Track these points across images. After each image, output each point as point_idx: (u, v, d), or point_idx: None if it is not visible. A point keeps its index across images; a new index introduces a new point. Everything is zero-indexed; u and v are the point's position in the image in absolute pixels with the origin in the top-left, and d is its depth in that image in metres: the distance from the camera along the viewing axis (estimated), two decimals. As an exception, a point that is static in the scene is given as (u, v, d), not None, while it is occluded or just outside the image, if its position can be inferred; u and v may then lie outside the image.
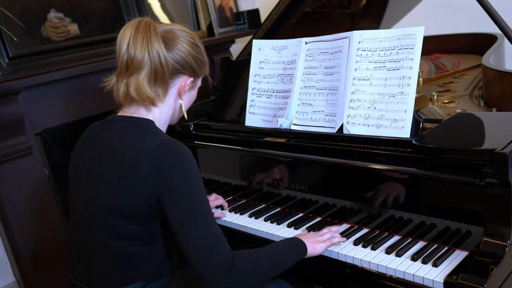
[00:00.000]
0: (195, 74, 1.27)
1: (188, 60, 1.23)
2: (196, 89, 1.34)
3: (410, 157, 1.22)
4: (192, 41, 1.24)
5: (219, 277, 1.08)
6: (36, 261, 2.10)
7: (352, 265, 1.22)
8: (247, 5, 3.22)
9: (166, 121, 1.28)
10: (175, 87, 1.25)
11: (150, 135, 1.16)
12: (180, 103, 1.28)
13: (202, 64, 1.28)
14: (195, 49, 1.25)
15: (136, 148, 1.13)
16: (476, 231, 1.13)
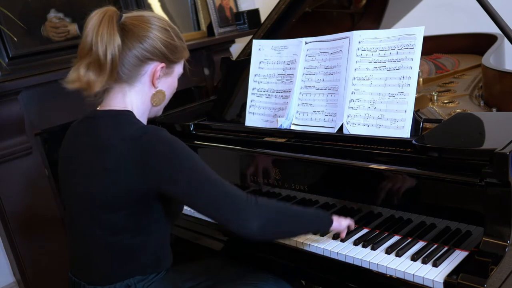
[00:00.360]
0: (167, 60, 1.23)
1: (158, 46, 1.19)
2: (173, 75, 1.29)
3: (410, 157, 1.22)
4: (161, 27, 1.21)
5: (249, 219, 1.11)
6: (36, 261, 2.10)
7: (352, 265, 1.22)
8: (247, 5, 3.22)
9: (144, 111, 1.26)
10: (146, 74, 1.21)
11: (127, 125, 1.16)
12: (158, 90, 1.24)
13: (175, 49, 1.24)
14: (165, 35, 1.21)
15: (116, 140, 1.13)
16: (476, 231, 1.13)
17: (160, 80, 1.24)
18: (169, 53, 1.22)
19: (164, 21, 1.23)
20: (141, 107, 1.24)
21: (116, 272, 1.19)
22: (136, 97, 1.22)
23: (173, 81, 1.30)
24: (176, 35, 1.25)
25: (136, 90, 1.22)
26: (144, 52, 1.18)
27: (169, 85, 1.29)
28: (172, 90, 1.31)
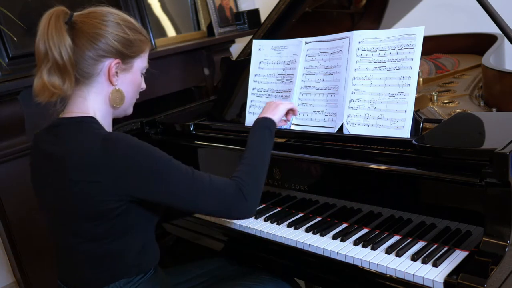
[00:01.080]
0: (122, 55, 1.17)
1: (110, 43, 1.14)
2: (134, 71, 1.22)
3: (410, 157, 1.22)
4: (113, 21, 1.16)
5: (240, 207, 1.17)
6: (36, 261, 2.10)
7: (352, 265, 1.22)
8: (247, 5, 3.22)
9: (107, 113, 1.21)
10: (102, 72, 1.16)
11: (91, 134, 1.13)
12: (115, 89, 1.19)
13: (129, 43, 1.18)
14: (117, 30, 1.16)
15: (80, 150, 1.10)
16: (476, 231, 1.13)
17: (118, 77, 1.19)
18: (123, 48, 1.17)
19: (116, 15, 1.18)
20: (104, 109, 1.20)
21: (100, 277, 1.17)
22: (96, 98, 1.18)
23: (134, 77, 1.23)
24: (130, 28, 1.18)
25: (95, 91, 1.17)
26: (96, 50, 1.13)
27: (131, 81, 1.23)
28: (137, 86, 1.25)
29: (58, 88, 1.11)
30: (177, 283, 1.43)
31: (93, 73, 1.15)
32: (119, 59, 1.17)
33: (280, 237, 1.38)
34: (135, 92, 1.26)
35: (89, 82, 1.16)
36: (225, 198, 1.16)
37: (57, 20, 1.10)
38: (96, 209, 1.10)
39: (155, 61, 2.55)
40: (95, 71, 1.16)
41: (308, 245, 1.31)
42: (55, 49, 1.09)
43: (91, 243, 1.14)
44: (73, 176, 1.09)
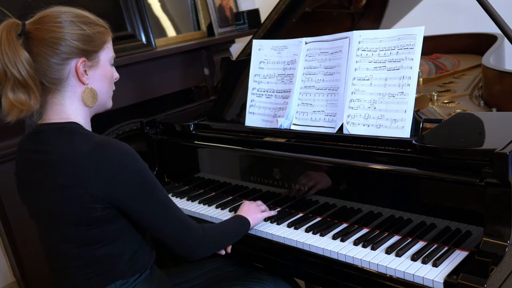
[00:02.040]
0: (86, 52, 1.13)
1: (70, 44, 1.10)
2: (101, 64, 1.18)
3: (410, 157, 1.22)
4: (67, 21, 1.11)
5: (198, 249, 1.24)
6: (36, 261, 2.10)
7: (352, 265, 1.22)
8: (247, 5, 3.22)
9: (86, 114, 1.19)
10: (70, 74, 1.13)
11: (79, 138, 1.11)
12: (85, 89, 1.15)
13: (89, 38, 1.13)
14: (73, 28, 1.11)
15: (69, 155, 1.09)
16: (476, 231, 1.13)
17: (88, 76, 1.15)
18: (85, 46, 1.13)
19: (69, 13, 1.13)
20: (82, 110, 1.17)
21: (95, 281, 1.16)
22: (72, 102, 1.15)
23: (104, 70, 1.19)
24: (86, 23, 1.14)
25: (69, 95, 1.14)
26: (59, 55, 1.10)
27: (102, 76, 1.19)
28: (109, 79, 1.22)
29: (25, 104, 1.08)
30: (177, 283, 1.43)
31: (62, 78, 1.12)
32: (84, 57, 1.13)
33: (280, 237, 1.38)
34: (109, 85, 1.22)
35: (61, 87, 1.13)
36: (189, 239, 1.21)
37: (8, 34, 1.06)
38: (86, 216, 1.09)
39: (155, 61, 2.56)
40: (64, 75, 1.12)
41: (308, 245, 1.31)
42: (12, 67, 1.05)
43: (84, 248, 1.13)
44: (64, 181, 1.08)
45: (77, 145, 1.10)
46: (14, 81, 1.07)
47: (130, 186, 1.10)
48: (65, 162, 1.09)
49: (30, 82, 1.07)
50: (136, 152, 1.14)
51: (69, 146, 1.10)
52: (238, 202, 1.64)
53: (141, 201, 1.12)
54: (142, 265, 1.22)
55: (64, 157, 1.09)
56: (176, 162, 1.88)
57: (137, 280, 1.20)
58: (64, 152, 1.10)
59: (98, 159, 1.08)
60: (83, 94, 1.15)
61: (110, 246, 1.14)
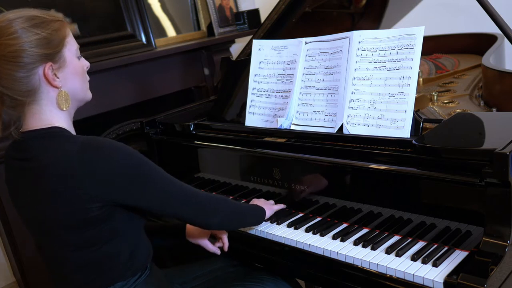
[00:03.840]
0: (49, 56, 1.08)
1: (31, 52, 1.04)
2: (69, 62, 1.12)
3: (410, 157, 1.22)
4: (21, 28, 1.04)
5: (216, 217, 1.26)
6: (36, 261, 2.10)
7: (352, 265, 1.22)
8: (247, 5, 3.22)
9: (67, 116, 1.15)
10: (41, 82, 1.08)
11: (64, 142, 1.09)
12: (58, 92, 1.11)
13: (47, 41, 1.07)
14: (29, 35, 1.05)
15: (58, 160, 1.06)
16: (476, 231, 1.13)
17: (58, 79, 1.10)
18: (45, 50, 1.07)
19: (19, 19, 1.05)
20: (62, 113, 1.13)
21: (94, 283, 1.16)
22: (51, 109, 1.11)
23: (74, 67, 1.14)
24: (38, 25, 1.07)
25: (45, 103, 1.10)
26: (23, 67, 1.04)
27: (73, 72, 1.14)
28: (81, 73, 1.16)
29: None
30: (177, 283, 1.43)
31: (33, 88, 1.08)
32: (49, 62, 1.08)
33: (280, 237, 1.38)
34: (82, 79, 1.17)
35: (35, 98, 1.09)
36: (206, 212, 1.24)
37: None
38: (82, 217, 1.08)
39: (155, 61, 2.56)
40: (35, 85, 1.07)
41: (308, 245, 1.31)
42: None
43: (81, 251, 1.12)
44: (56, 185, 1.06)
45: (64, 148, 1.07)
46: None
47: (127, 180, 1.08)
48: (54, 167, 1.06)
49: None
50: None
51: (56, 150, 1.08)
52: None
53: (143, 191, 1.11)
54: (141, 263, 1.21)
55: (52, 162, 1.07)
56: (176, 162, 1.88)
57: (137, 281, 1.20)
58: (52, 158, 1.07)
59: (89, 158, 1.06)
60: (57, 98, 1.11)
61: (107, 246, 1.13)
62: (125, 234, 1.16)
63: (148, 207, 1.14)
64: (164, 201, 1.16)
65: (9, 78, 1.05)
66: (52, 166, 1.07)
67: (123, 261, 1.17)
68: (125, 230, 1.17)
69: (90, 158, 1.06)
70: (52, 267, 1.20)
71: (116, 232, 1.14)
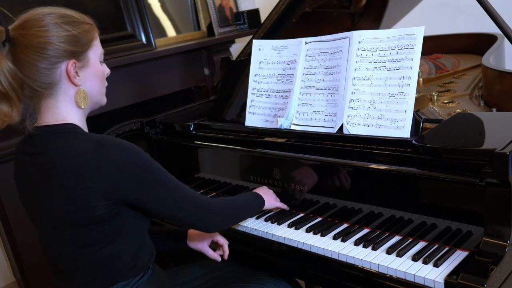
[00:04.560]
0: (75, 54, 1.11)
1: (57, 47, 1.08)
2: (92, 63, 1.16)
3: (410, 157, 1.22)
4: (51, 23, 1.08)
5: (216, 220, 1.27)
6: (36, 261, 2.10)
7: (353, 265, 1.22)
8: (247, 5, 3.22)
9: (81, 114, 1.18)
10: (62, 77, 1.11)
11: (79, 138, 1.11)
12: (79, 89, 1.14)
13: (76, 39, 1.11)
14: (58, 30, 1.09)
15: (71, 155, 1.08)
16: (477, 231, 1.13)
17: (79, 77, 1.13)
18: (73, 47, 1.11)
19: (52, 15, 1.10)
20: (78, 111, 1.16)
21: (96, 283, 1.16)
22: (67, 105, 1.14)
23: (95, 69, 1.17)
24: (71, 23, 1.11)
25: (62, 98, 1.13)
26: (47, 59, 1.08)
27: (93, 74, 1.17)
28: (101, 76, 1.20)
29: (7, 116, 1.06)
30: (178, 284, 1.43)
31: (53, 81, 1.10)
32: (73, 59, 1.11)
33: (281, 237, 1.38)
34: (101, 82, 1.21)
35: (53, 91, 1.12)
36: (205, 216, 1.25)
37: None
38: (88, 215, 1.09)
39: (155, 61, 2.56)
40: (55, 79, 1.11)
41: (309, 245, 1.31)
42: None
43: (85, 250, 1.13)
44: (67, 182, 1.07)
45: (78, 146, 1.09)
46: None
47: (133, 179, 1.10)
48: (65, 163, 1.08)
49: (12, 94, 1.05)
50: None
51: (68, 147, 1.10)
52: (238, 202, 1.64)
53: (148, 191, 1.13)
54: (144, 264, 1.21)
55: (64, 158, 1.08)
56: (176, 162, 1.88)
57: (139, 281, 1.20)
58: (64, 154, 1.09)
59: (99, 156, 1.07)
60: (76, 95, 1.14)
61: (111, 246, 1.14)
62: (129, 235, 1.17)
63: (152, 208, 1.15)
64: (167, 203, 1.17)
65: (31, 68, 1.07)
66: (63, 162, 1.08)
67: (125, 261, 1.17)
68: (130, 231, 1.17)
69: (99, 156, 1.07)
70: (55, 264, 1.21)
71: (121, 232, 1.15)
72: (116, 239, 1.15)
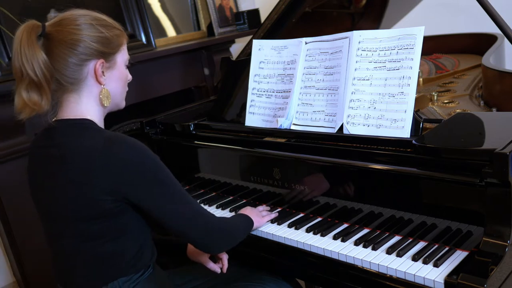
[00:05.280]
0: (104, 54, 1.18)
1: (89, 45, 1.15)
2: (118, 66, 1.23)
3: (410, 157, 1.22)
4: (87, 24, 1.16)
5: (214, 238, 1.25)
6: (36, 261, 2.10)
7: (353, 265, 1.22)
8: (247, 5, 3.22)
9: (100, 112, 1.22)
10: (89, 75, 1.17)
11: (91, 134, 1.15)
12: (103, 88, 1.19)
13: (107, 41, 1.18)
14: (92, 31, 1.16)
15: (81, 150, 1.11)
16: (477, 231, 1.13)
17: (105, 77, 1.19)
18: (103, 48, 1.17)
19: (87, 16, 1.18)
20: (97, 109, 1.21)
21: (97, 277, 1.18)
22: (88, 101, 1.19)
23: (120, 72, 1.24)
24: (104, 25, 1.19)
25: (86, 95, 1.18)
26: (77, 55, 1.14)
27: (118, 77, 1.24)
28: (124, 80, 1.26)
29: (37, 104, 1.11)
30: (178, 284, 1.43)
31: (80, 78, 1.16)
32: (102, 59, 1.18)
33: (281, 237, 1.38)
34: (123, 86, 1.27)
35: (78, 87, 1.17)
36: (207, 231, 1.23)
37: (28, 36, 1.09)
38: (95, 209, 1.11)
39: (155, 61, 2.56)
40: (82, 76, 1.16)
41: (309, 245, 1.31)
42: (29, 66, 1.09)
43: (88, 243, 1.15)
44: (74, 175, 1.11)
45: (88, 140, 1.13)
46: (29, 81, 1.10)
47: (141, 181, 1.12)
48: (75, 156, 1.11)
49: (44, 84, 1.10)
50: None
51: (79, 140, 1.13)
52: (238, 202, 1.64)
53: (152, 195, 1.14)
54: (145, 263, 1.22)
55: (74, 151, 1.12)
56: (176, 162, 1.88)
57: (140, 278, 1.21)
58: (75, 146, 1.12)
59: (109, 154, 1.10)
60: (100, 94, 1.19)
61: (114, 243, 1.16)
62: (132, 234, 1.19)
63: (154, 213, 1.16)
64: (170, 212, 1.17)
65: (62, 62, 1.13)
66: (73, 156, 1.12)
67: (127, 259, 1.18)
68: (133, 230, 1.19)
69: (107, 153, 1.10)
70: (58, 258, 1.23)
71: (125, 230, 1.17)
72: (120, 236, 1.16)
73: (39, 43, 1.11)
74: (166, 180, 1.16)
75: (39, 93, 1.11)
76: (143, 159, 1.13)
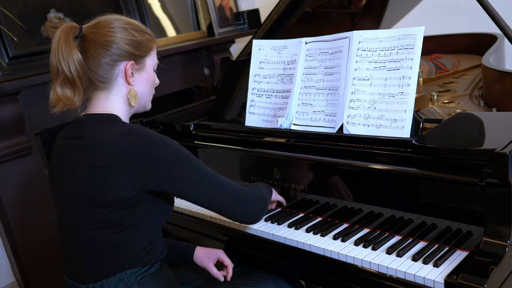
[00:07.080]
0: (135, 56, 1.25)
1: (121, 47, 1.22)
2: (147, 69, 1.30)
3: (410, 157, 1.22)
4: (120, 27, 1.24)
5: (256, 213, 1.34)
6: (36, 261, 2.10)
7: (353, 265, 1.22)
8: (247, 5, 3.22)
9: (127, 111, 1.29)
10: (119, 75, 1.24)
11: (116, 125, 1.21)
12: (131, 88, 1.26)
13: (139, 44, 1.26)
14: (126, 34, 1.23)
15: (105, 138, 1.17)
16: (477, 231, 1.13)
17: (134, 78, 1.26)
18: (134, 50, 1.25)
19: (121, 20, 1.26)
20: (124, 108, 1.27)
21: (106, 267, 1.20)
22: (117, 100, 1.26)
23: (148, 75, 1.31)
24: (137, 30, 1.26)
25: (114, 94, 1.25)
26: (110, 56, 1.21)
27: (146, 79, 1.31)
28: (151, 82, 1.33)
29: (70, 100, 1.19)
30: (180, 283, 1.43)
31: (111, 77, 1.23)
32: (132, 61, 1.24)
33: (281, 237, 1.38)
34: (151, 88, 1.34)
35: (109, 86, 1.24)
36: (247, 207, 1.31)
37: (66, 36, 1.18)
38: (113, 196, 1.15)
39: (155, 61, 2.56)
40: (113, 75, 1.23)
41: (309, 245, 1.31)
42: (64, 64, 1.17)
43: (101, 231, 1.18)
44: (97, 162, 1.15)
45: (114, 130, 1.19)
46: (64, 77, 1.18)
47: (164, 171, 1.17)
48: (101, 144, 1.17)
49: (77, 81, 1.18)
50: None
51: (105, 131, 1.19)
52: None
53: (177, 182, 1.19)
54: (152, 259, 1.24)
55: (99, 140, 1.18)
56: (176, 162, 1.88)
57: (147, 272, 1.23)
58: (99, 136, 1.18)
59: (132, 142, 1.16)
60: (128, 93, 1.26)
61: (126, 233, 1.19)
62: (145, 227, 1.22)
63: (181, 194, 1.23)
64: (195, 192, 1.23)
65: (95, 61, 1.21)
66: (98, 144, 1.18)
67: (137, 251, 1.21)
68: (146, 224, 1.22)
69: (133, 142, 1.16)
70: (68, 245, 1.26)
71: (138, 222, 1.20)
72: (131, 228, 1.19)
73: (75, 43, 1.19)
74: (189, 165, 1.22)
75: (72, 89, 1.19)
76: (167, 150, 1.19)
